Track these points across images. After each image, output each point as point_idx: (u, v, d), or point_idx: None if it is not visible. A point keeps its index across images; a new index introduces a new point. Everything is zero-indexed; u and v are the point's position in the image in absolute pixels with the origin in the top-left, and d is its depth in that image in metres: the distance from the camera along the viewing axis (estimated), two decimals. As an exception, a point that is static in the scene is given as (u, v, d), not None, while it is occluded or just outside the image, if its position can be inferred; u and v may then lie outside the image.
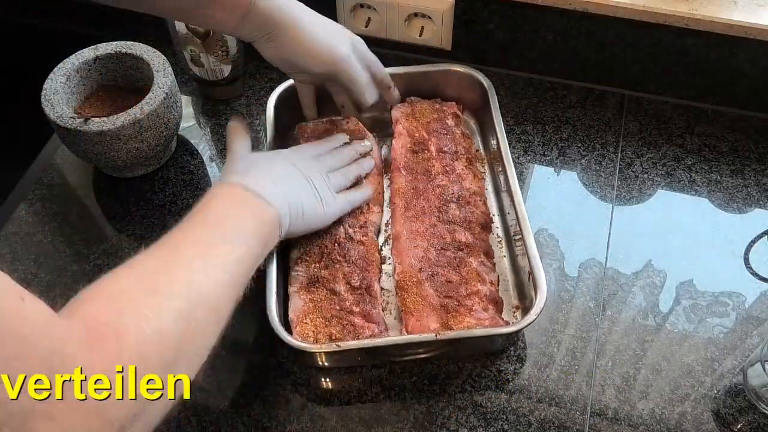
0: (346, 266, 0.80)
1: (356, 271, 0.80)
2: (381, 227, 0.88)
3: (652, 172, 0.95)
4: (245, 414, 0.76)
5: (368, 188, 0.86)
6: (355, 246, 0.82)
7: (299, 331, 0.76)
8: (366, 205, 0.86)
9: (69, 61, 0.93)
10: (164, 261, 0.61)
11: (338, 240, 0.82)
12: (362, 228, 0.84)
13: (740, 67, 0.96)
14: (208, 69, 0.99)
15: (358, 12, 1.05)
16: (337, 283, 0.79)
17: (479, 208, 0.86)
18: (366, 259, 0.81)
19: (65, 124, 0.86)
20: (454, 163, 0.90)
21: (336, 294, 0.78)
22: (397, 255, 0.83)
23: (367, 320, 0.77)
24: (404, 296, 0.79)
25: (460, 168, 0.89)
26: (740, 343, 0.80)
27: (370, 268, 0.81)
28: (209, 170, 0.97)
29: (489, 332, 0.75)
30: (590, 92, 1.04)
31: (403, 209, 0.86)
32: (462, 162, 0.90)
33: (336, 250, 0.81)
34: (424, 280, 0.80)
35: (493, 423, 0.75)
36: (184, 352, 0.56)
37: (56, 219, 0.92)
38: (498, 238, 0.87)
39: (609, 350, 0.80)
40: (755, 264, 0.87)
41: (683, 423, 0.75)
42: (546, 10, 0.97)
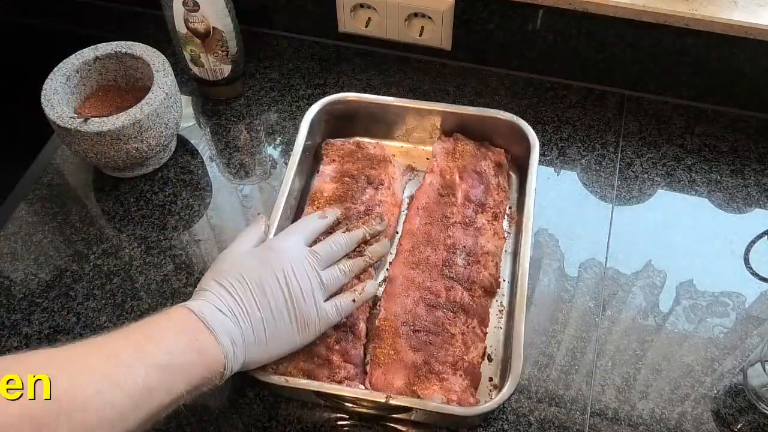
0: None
1: None
2: (386, 263, 0.85)
3: (652, 172, 0.95)
4: (245, 414, 0.76)
5: (370, 287, 0.75)
6: (350, 280, 0.77)
7: (272, 364, 0.72)
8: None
9: (69, 61, 0.93)
10: (76, 354, 0.57)
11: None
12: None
13: (740, 67, 0.96)
14: (208, 69, 0.99)
15: (358, 12, 1.05)
16: None
17: (488, 270, 0.81)
18: None
19: (65, 124, 0.86)
20: (477, 216, 0.84)
21: None
22: (386, 299, 0.79)
23: (345, 360, 0.74)
24: (377, 345, 0.75)
25: (481, 222, 0.84)
26: (740, 343, 0.80)
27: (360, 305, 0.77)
28: (209, 170, 0.97)
29: (443, 410, 0.69)
30: (590, 92, 1.04)
31: (407, 252, 0.82)
32: (486, 215, 0.85)
33: None
34: (403, 333, 0.75)
35: (493, 423, 0.75)
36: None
37: (56, 219, 0.92)
38: (500, 307, 0.82)
39: (609, 350, 0.80)
40: (755, 264, 0.87)
41: (683, 423, 0.75)
42: (546, 10, 0.97)
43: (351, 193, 0.86)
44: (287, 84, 1.05)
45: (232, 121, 1.01)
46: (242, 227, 0.90)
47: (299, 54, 1.10)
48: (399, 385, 0.73)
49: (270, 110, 1.02)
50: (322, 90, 1.04)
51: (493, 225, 0.85)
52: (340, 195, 0.86)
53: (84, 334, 0.82)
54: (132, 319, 0.83)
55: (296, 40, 1.11)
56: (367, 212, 0.85)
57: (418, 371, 0.73)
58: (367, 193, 0.87)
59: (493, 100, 1.03)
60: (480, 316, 0.78)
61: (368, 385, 0.74)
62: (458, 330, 0.76)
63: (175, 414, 0.76)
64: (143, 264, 0.87)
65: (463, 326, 0.77)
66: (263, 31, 1.12)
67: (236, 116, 1.02)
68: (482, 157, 0.90)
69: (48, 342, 0.81)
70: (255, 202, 0.93)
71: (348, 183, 0.88)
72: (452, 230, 0.83)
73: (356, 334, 0.76)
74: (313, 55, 1.10)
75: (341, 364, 0.74)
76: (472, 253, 0.82)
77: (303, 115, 0.92)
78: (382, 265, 0.85)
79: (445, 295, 0.79)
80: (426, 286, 0.79)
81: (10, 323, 0.83)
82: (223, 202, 0.93)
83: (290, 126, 1.00)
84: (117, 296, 0.85)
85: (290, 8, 1.08)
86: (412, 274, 0.80)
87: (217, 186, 0.95)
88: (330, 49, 1.10)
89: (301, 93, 1.04)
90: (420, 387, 0.72)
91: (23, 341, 0.82)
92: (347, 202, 0.85)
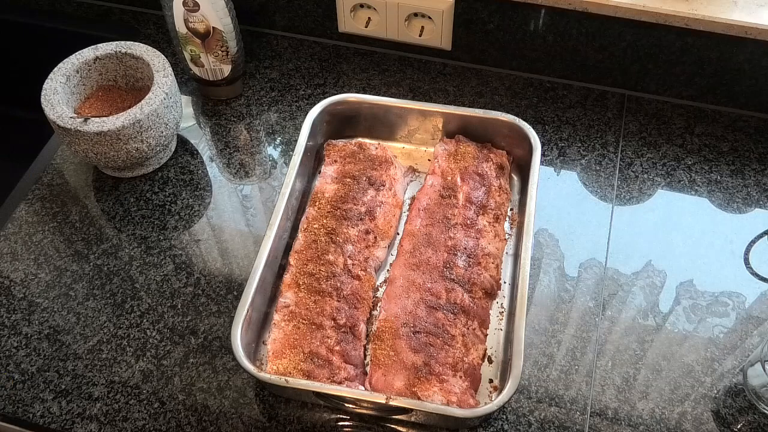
0: (335, 301, 0.77)
1: (345, 308, 0.77)
2: (386, 264, 0.85)
3: (652, 172, 0.95)
4: (245, 414, 0.76)
5: None
6: (350, 280, 0.79)
7: (273, 364, 0.73)
8: (373, 237, 0.83)
9: (69, 61, 0.93)
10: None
11: (335, 270, 0.79)
12: (364, 262, 0.81)
13: (740, 67, 0.96)
14: (208, 69, 0.99)
15: (358, 12, 1.05)
16: (324, 318, 0.76)
17: (489, 271, 0.81)
18: (358, 297, 0.78)
19: (65, 124, 0.86)
20: (479, 218, 0.84)
21: (320, 329, 0.75)
22: (386, 300, 0.79)
23: (345, 360, 0.74)
24: (378, 346, 0.75)
25: (482, 223, 0.84)
26: (740, 343, 0.80)
27: (359, 306, 0.78)
28: (209, 170, 0.97)
29: (443, 411, 0.69)
30: (590, 92, 1.04)
31: (407, 254, 0.82)
32: (488, 217, 0.85)
33: (330, 282, 0.78)
34: (403, 335, 0.75)
35: (493, 423, 0.75)
36: None
37: (56, 219, 0.92)
38: (501, 309, 0.82)
39: (609, 350, 0.80)
40: (755, 264, 0.87)
41: (683, 423, 0.75)
42: (546, 10, 0.97)
43: (352, 194, 0.86)
44: (287, 84, 1.05)
45: (232, 121, 1.01)
46: (242, 227, 0.90)
47: (299, 54, 1.10)
48: (399, 386, 0.72)
49: (270, 110, 1.02)
50: (322, 90, 1.04)
51: (495, 227, 0.85)
52: (341, 196, 0.86)
53: (84, 333, 0.82)
54: (132, 319, 0.83)
55: (296, 40, 1.11)
56: (368, 213, 0.85)
57: (418, 372, 0.73)
58: (369, 194, 0.87)
59: (492, 100, 1.03)
60: (480, 318, 0.78)
61: (368, 386, 0.74)
62: (458, 331, 0.76)
63: (175, 414, 0.76)
64: (143, 264, 0.87)
65: (463, 328, 0.77)
66: (263, 31, 1.12)
67: (236, 116, 1.02)
68: (484, 159, 0.90)
69: (48, 342, 0.82)
70: (255, 202, 0.93)
71: (349, 184, 0.88)
72: (453, 232, 0.83)
73: (356, 335, 0.76)
74: (313, 55, 1.10)
75: (341, 365, 0.74)
76: (473, 255, 0.82)
77: (303, 115, 0.92)
78: (383, 267, 0.85)
79: (445, 296, 0.78)
80: (426, 288, 0.79)
81: (10, 323, 0.83)
82: (223, 202, 0.93)
83: (290, 126, 1.00)
84: (117, 296, 0.85)
85: (290, 8, 1.08)
86: (412, 275, 0.80)
87: (217, 186, 0.95)
88: (330, 49, 1.10)
89: (301, 93, 1.04)
90: (420, 388, 0.72)
91: (23, 341, 0.82)
92: (348, 203, 0.85)
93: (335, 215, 0.85)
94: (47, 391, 0.78)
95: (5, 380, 0.79)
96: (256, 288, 0.76)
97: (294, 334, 0.76)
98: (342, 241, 0.82)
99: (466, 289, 0.79)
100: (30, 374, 0.79)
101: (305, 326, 0.76)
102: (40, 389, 0.78)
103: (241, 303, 0.75)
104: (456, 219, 0.84)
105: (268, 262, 0.80)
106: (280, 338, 0.76)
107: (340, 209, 0.85)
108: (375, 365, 0.75)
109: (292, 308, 0.78)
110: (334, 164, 0.91)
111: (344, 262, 0.81)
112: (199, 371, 0.79)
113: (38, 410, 0.77)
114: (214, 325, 0.82)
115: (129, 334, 0.82)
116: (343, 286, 0.79)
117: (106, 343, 0.81)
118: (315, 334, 0.75)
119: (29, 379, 0.79)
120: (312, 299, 0.78)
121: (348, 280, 0.79)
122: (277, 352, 0.75)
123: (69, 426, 0.76)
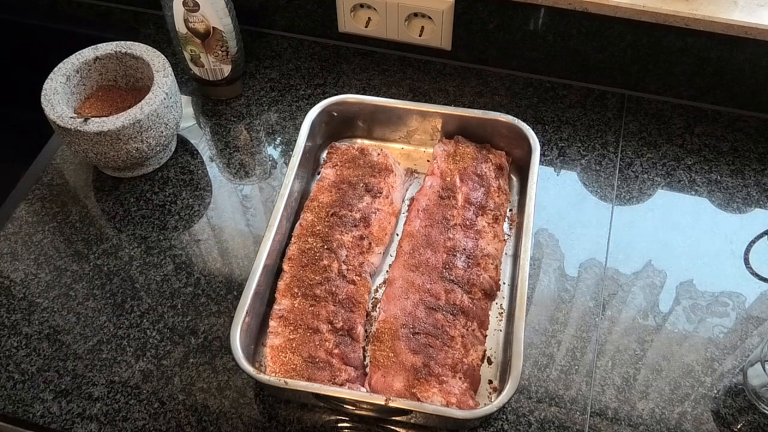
0: (331, 305, 0.77)
1: (341, 312, 0.77)
2: (383, 268, 0.85)
3: (652, 172, 0.95)
4: (245, 414, 0.76)
5: None
6: (344, 285, 0.79)
7: (271, 368, 0.73)
8: (368, 243, 0.83)
9: (69, 61, 0.93)
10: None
11: (329, 276, 0.79)
12: (359, 267, 0.81)
13: (740, 67, 0.96)
14: (208, 69, 0.99)
15: (358, 12, 1.05)
16: (320, 322, 0.76)
17: (488, 272, 0.81)
18: (353, 300, 0.78)
19: (65, 124, 0.86)
20: (478, 218, 0.84)
21: (317, 333, 0.75)
22: (385, 301, 0.79)
23: (345, 363, 0.74)
24: (377, 347, 0.75)
25: (482, 224, 0.84)
26: (740, 343, 0.80)
27: (356, 309, 0.78)
28: (209, 170, 0.97)
29: (442, 412, 0.69)
30: (590, 92, 1.04)
31: (407, 255, 0.82)
32: (487, 218, 0.85)
33: (324, 287, 0.78)
34: (402, 336, 0.75)
35: (493, 423, 0.75)
36: None
37: (56, 219, 0.92)
38: (500, 310, 0.82)
39: (609, 350, 0.80)
40: (755, 264, 0.87)
41: (683, 423, 0.75)
42: (546, 10, 0.97)
43: (347, 200, 0.86)
44: (287, 84, 1.05)
45: (232, 121, 1.01)
46: (242, 227, 0.90)
47: (299, 54, 1.10)
48: (398, 388, 0.72)
49: (270, 110, 1.02)
50: (322, 90, 1.04)
51: (494, 228, 0.85)
52: (336, 202, 0.86)
53: (84, 333, 0.82)
54: (132, 319, 0.83)
55: (296, 40, 1.11)
56: (362, 219, 0.85)
57: (418, 374, 0.73)
58: (364, 200, 0.87)
59: (492, 100, 1.03)
60: (480, 319, 0.78)
61: (368, 387, 0.74)
62: (458, 332, 0.76)
63: (175, 414, 0.76)
64: (143, 264, 0.87)
65: (462, 329, 0.77)
66: (263, 31, 1.12)
67: (236, 116, 1.02)
68: (483, 160, 0.90)
69: (48, 342, 0.82)
70: (255, 202, 0.93)
71: (344, 190, 0.87)
72: (452, 233, 0.83)
73: (354, 338, 0.76)
74: (313, 55, 1.10)
75: (341, 367, 0.74)
76: (472, 256, 0.82)
77: (303, 114, 0.92)
78: (379, 272, 0.85)
79: (444, 297, 0.78)
80: (426, 289, 0.79)
81: (10, 323, 0.83)
82: (223, 202, 0.93)
83: (290, 126, 1.00)
84: (117, 296, 0.85)
85: (290, 8, 1.08)
86: (411, 276, 0.80)
87: (217, 186, 0.95)
88: (330, 49, 1.10)
89: (301, 93, 1.04)
90: (419, 389, 0.72)
91: (23, 341, 0.82)
92: (343, 209, 0.85)
93: (329, 221, 0.84)
94: (47, 391, 0.78)
95: (5, 380, 0.79)
96: (255, 290, 0.76)
97: (292, 339, 0.76)
98: (336, 247, 0.82)
99: (465, 290, 0.79)
100: (30, 374, 0.79)
101: (302, 331, 0.76)
102: (40, 389, 0.78)
103: (240, 305, 0.75)
104: (455, 220, 0.84)
105: (268, 264, 0.80)
106: (278, 343, 0.76)
107: (334, 215, 0.85)
108: (374, 367, 0.75)
109: (287, 315, 0.77)
110: (333, 168, 0.91)
111: (338, 267, 0.80)
112: (199, 371, 0.79)
113: (38, 410, 0.77)
114: (214, 325, 0.82)
115: (129, 334, 0.82)
116: (338, 290, 0.79)
117: (106, 343, 0.81)
118: (313, 338, 0.75)
119: (29, 379, 0.79)
120: (307, 304, 0.78)
121: (343, 285, 0.79)
122: (276, 355, 0.75)
123: (69, 426, 0.76)
